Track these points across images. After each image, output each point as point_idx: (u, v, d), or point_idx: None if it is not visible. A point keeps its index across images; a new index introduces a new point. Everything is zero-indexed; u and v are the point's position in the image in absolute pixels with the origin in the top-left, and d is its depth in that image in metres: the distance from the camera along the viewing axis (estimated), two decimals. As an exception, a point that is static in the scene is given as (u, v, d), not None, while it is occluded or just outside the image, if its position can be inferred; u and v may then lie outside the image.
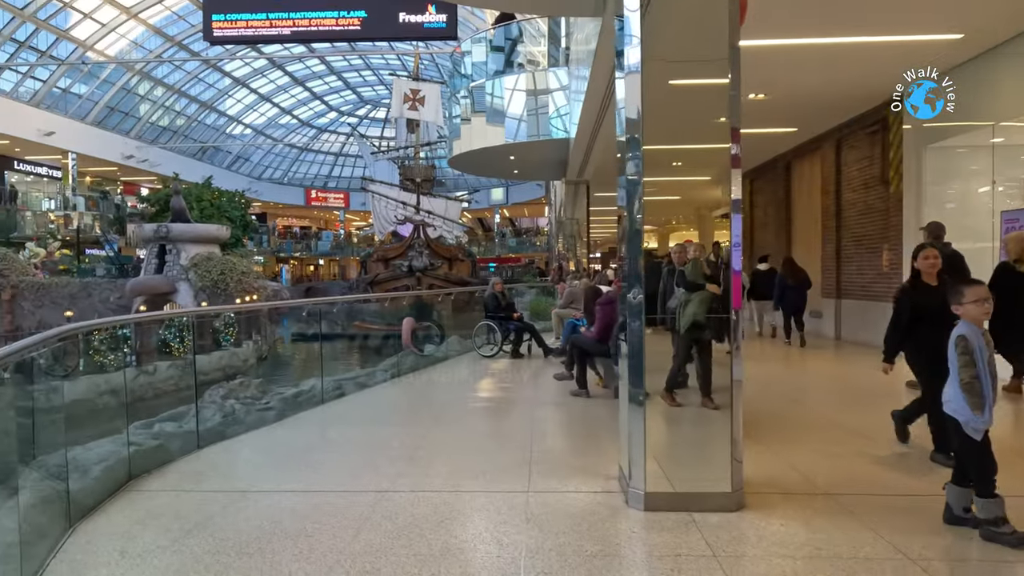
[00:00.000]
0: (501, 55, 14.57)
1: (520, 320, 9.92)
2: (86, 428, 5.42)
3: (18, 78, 30.42)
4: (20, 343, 3.53)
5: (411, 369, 8.41)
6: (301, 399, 6.34)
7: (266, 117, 50.64)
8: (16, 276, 21.59)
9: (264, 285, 22.85)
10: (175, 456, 4.51)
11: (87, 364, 13.01)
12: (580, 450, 4.74)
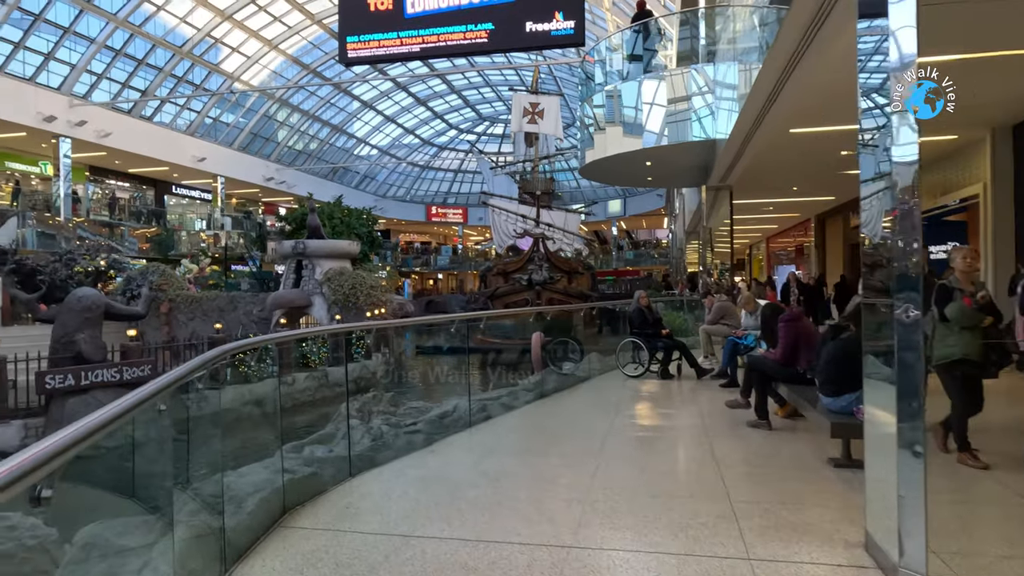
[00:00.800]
0: (636, 59, 13.81)
1: (669, 337, 9.06)
2: (234, 438, 5.26)
3: (176, 110, 33.36)
4: (200, 359, 3.32)
5: (555, 389, 7.80)
6: (447, 421, 5.88)
7: (391, 138, 52.69)
8: (173, 290, 23.34)
9: (391, 299, 23.29)
10: (327, 486, 4.12)
11: (232, 374, 13.58)
12: (792, 501, 3.86)
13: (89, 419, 2.17)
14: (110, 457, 5.00)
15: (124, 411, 2.42)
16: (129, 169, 34.20)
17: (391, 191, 57.09)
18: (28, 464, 1.60)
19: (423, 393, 17.54)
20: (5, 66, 24.40)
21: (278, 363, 14.99)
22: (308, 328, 18.52)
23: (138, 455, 4.43)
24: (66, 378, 10.09)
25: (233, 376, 13.52)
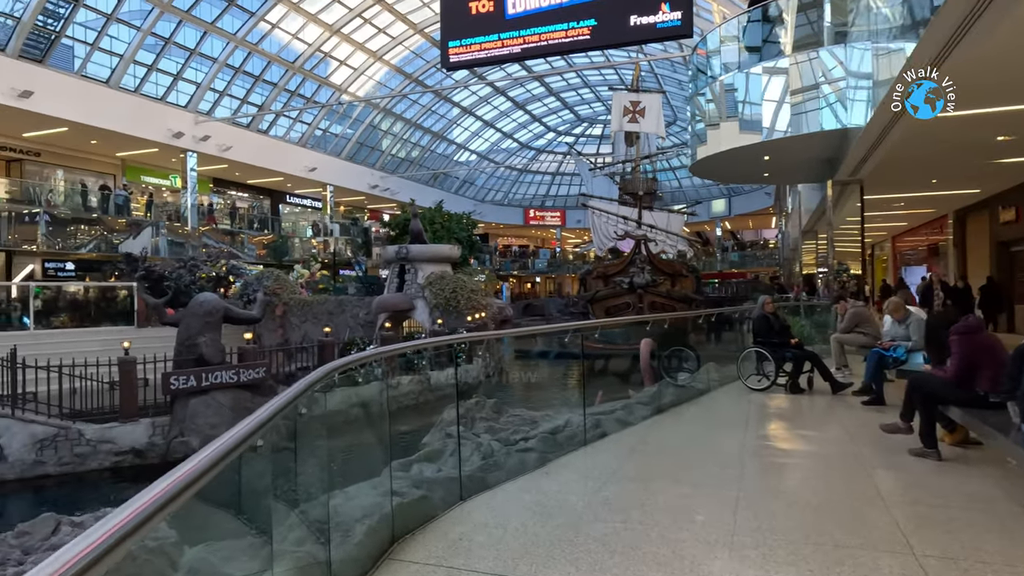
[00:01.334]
0: (754, 50, 12.85)
1: (799, 347, 8.19)
2: (340, 451, 5.07)
3: (289, 123, 35.09)
4: (316, 375, 3.18)
5: (672, 402, 7.19)
6: (560, 438, 5.45)
7: (489, 142, 53.18)
8: (287, 294, 24.43)
9: (491, 303, 23.22)
10: (437, 510, 3.79)
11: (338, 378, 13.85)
12: (997, 561, 3.12)
13: (244, 424, 2.19)
14: (226, 471, 4.92)
15: (271, 416, 2.43)
16: (248, 180, 36.32)
17: (490, 195, 57.62)
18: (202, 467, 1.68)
19: (523, 398, 17.26)
20: (140, 87, 26.46)
21: (383, 365, 15.23)
22: (458, 335, 18.69)
23: (247, 468, 4.30)
24: (189, 379, 10.52)
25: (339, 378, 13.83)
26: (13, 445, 9.22)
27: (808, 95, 11.42)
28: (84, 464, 9.66)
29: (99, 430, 9.85)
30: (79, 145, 26.75)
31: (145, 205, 29.14)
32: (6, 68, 21.27)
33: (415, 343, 9.40)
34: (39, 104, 22.01)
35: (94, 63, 24.72)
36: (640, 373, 10.96)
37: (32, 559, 5.27)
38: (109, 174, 29.52)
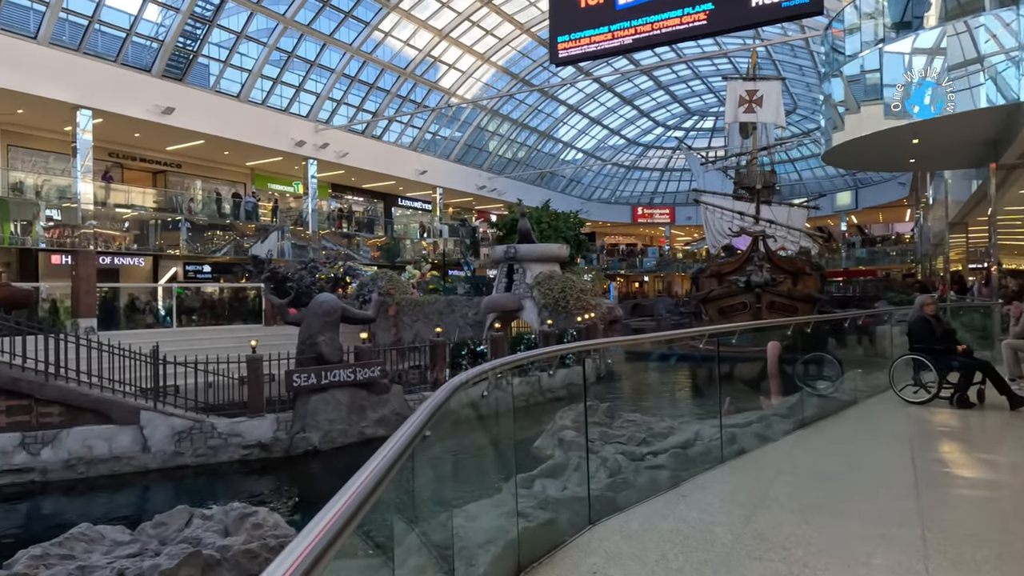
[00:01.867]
0: (905, 27, 11.52)
1: (967, 354, 7.13)
2: (459, 459, 4.82)
3: (401, 128, 36.16)
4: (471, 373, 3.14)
5: (817, 415, 6.42)
6: (692, 453, 4.93)
7: (596, 140, 52.41)
8: (399, 295, 25.10)
9: (600, 303, 22.67)
10: (564, 535, 3.43)
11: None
12: None
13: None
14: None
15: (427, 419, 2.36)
16: (363, 184, 37.79)
17: (596, 193, 56.81)
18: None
19: (634, 403, 16.60)
20: (266, 100, 28.11)
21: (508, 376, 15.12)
22: (606, 339, 18.47)
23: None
24: (309, 377, 10.82)
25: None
26: (155, 436, 9.82)
27: (965, 69, 10.06)
28: (216, 456, 10.15)
29: (229, 424, 10.32)
30: (214, 156, 28.83)
31: (271, 211, 31.00)
32: (151, 87, 23.22)
33: (560, 347, 9.04)
34: (179, 119, 23.86)
35: (226, 79, 26.51)
36: (765, 381, 10.12)
37: (167, 550, 5.41)
38: (240, 182, 31.66)
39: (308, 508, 8.98)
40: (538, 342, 16.24)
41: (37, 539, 8.05)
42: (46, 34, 20.28)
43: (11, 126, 23.09)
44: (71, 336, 9.90)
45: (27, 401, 9.22)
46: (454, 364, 13.70)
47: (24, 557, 5.11)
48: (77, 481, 9.40)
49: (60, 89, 20.64)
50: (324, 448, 10.89)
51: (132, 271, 26.35)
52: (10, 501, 8.85)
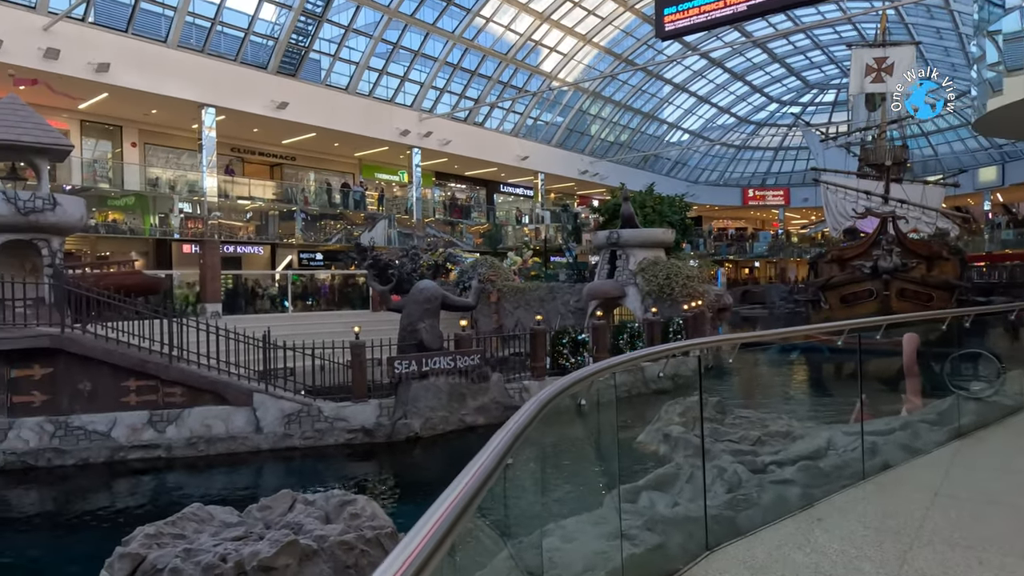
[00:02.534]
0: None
1: None
2: (551, 459, 4.46)
3: (502, 114, 36.10)
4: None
5: (977, 423, 5.51)
6: (825, 466, 4.30)
7: (704, 120, 50.15)
8: (501, 281, 25.10)
9: (708, 290, 21.57)
10: (677, 563, 2.98)
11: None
12: None
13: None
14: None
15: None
16: (465, 172, 38.17)
17: (704, 175, 54.48)
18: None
19: (745, 397, 15.53)
20: (372, 91, 28.85)
21: (592, 355, 14.68)
22: (739, 335, 17.87)
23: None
24: (410, 364, 10.87)
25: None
26: (267, 418, 10.20)
27: None
28: (322, 439, 10.42)
29: (335, 408, 10.56)
30: (324, 148, 30.01)
31: (378, 200, 31.94)
32: (267, 84, 24.39)
33: (678, 345, 8.55)
34: (292, 113, 24.94)
35: (336, 73, 27.43)
36: (902, 380, 9.03)
37: (270, 535, 5.45)
38: (349, 173, 32.83)
39: (408, 497, 9.00)
40: (642, 330, 15.60)
41: (164, 512, 8.57)
42: (174, 38, 21.72)
43: (147, 125, 25.03)
44: (191, 321, 10.44)
45: (154, 382, 9.82)
46: (555, 352, 13.39)
47: (140, 535, 5.30)
48: (198, 458, 9.94)
49: (188, 89, 22.08)
50: (425, 435, 10.92)
51: (252, 259, 28.01)
52: (139, 475, 9.48)
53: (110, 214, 24.88)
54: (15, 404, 9.35)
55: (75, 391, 9.59)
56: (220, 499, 8.71)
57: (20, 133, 10.76)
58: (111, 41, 20.25)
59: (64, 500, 8.90)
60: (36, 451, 9.37)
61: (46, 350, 9.45)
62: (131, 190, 24.09)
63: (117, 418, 9.68)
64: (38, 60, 18.53)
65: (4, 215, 10.31)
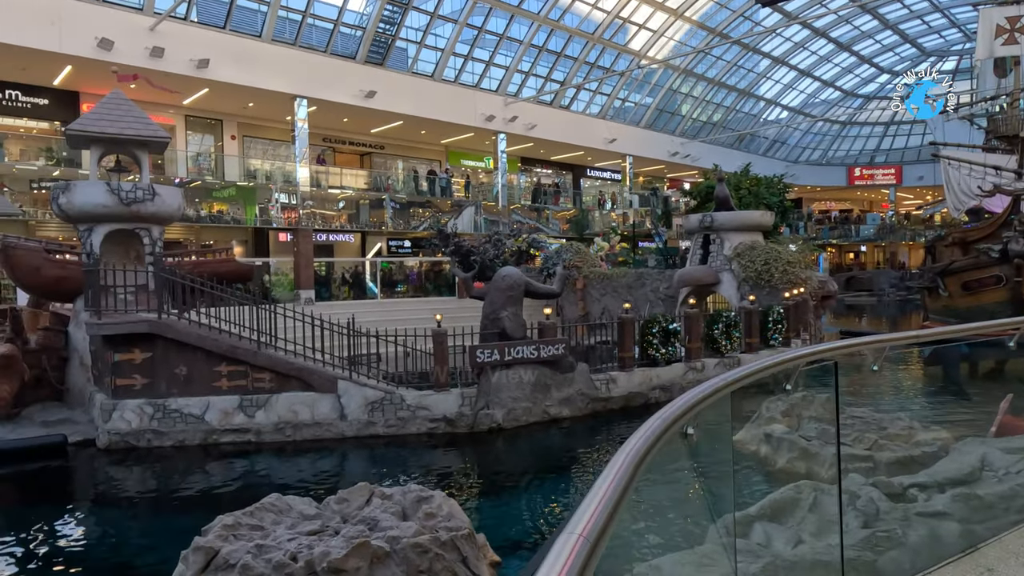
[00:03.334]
0: None
1: None
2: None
3: (589, 96, 35.19)
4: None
5: None
6: (987, 495, 3.52)
7: (805, 95, 47.05)
8: (587, 268, 24.48)
9: (811, 276, 20.07)
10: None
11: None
12: None
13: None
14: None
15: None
16: (551, 157, 37.60)
17: (804, 155, 51.24)
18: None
19: (856, 394, 14.22)
20: (458, 77, 28.77)
21: (684, 345, 13.85)
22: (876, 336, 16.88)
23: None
24: (492, 353, 10.56)
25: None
26: (351, 405, 10.19)
27: None
28: (405, 428, 10.31)
29: (417, 396, 10.42)
30: (411, 136, 30.28)
31: (464, 186, 31.97)
32: (356, 73, 24.75)
33: (835, 345, 7.80)
34: (380, 102, 25.22)
35: (422, 60, 27.50)
36: None
37: (345, 531, 5.26)
38: (435, 160, 33.04)
39: (490, 492, 8.70)
40: (738, 319, 14.62)
41: (254, 495, 8.72)
42: (268, 32, 22.36)
43: (244, 119, 26.06)
44: (277, 308, 10.56)
45: (244, 367, 10.01)
46: (644, 342, 12.72)
47: (218, 525, 5.24)
48: (285, 443, 10.07)
49: (281, 81, 22.72)
50: (507, 426, 10.61)
51: (344, 246, 28.73)
52: (230, 458, 9.70)
53: (215, 205, 26.17)
54: (118, 387, 9.78)
55: (172, 375, 9.92)
56: (303, 486, 8.76)
57: (123, 127, 11.22)
58: (210, 38, 21.09)
59: (164, 480, 9.22)
60: (137, 432, 9.77)
61: (145, 335, 9.82)
62: (231, 181, 25.16)
63: (210, 402, 9.94)
64: (145, 59, 19.53)
65: (108, 205, 10.79)
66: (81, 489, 9.24)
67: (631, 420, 11.78)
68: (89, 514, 8.20)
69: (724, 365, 13.89)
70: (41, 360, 10.87)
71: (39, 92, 21.11)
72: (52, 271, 10.73)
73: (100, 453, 9.79)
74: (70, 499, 8.69)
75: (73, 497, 8.81)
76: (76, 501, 8.69)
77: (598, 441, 10.81)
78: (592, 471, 9.58)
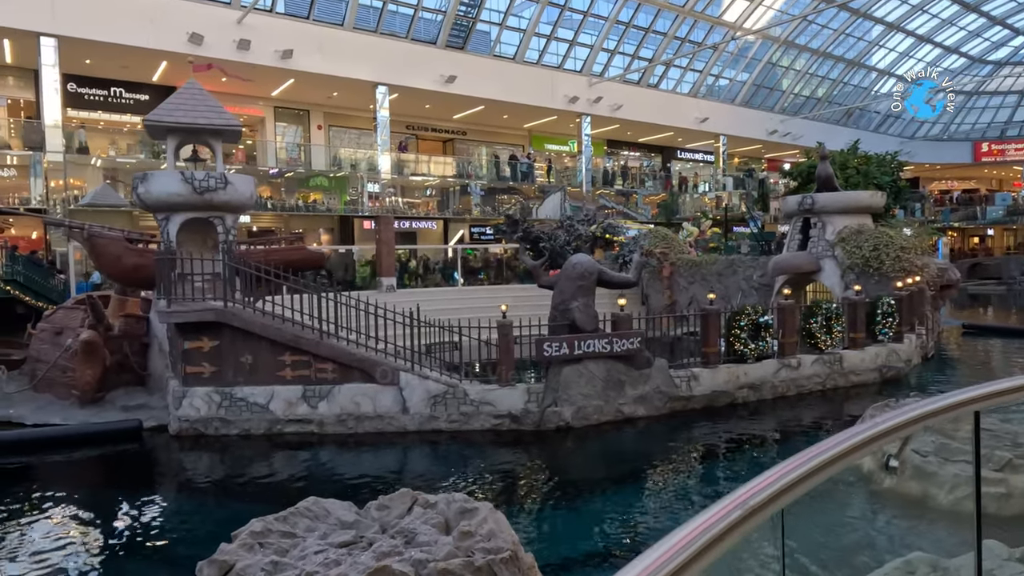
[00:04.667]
0: None
1: None
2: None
3: (679, 74, 33.44)
4: None
5: None
6: None
7: (923, 63, 42.80)
8: (674, 254, 23.25)
9: (928, 264, 17.98)
10: None
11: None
12: None
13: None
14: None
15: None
16: (639, 138, 36.17)
17: (922, 130, 46.81)
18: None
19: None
20: (541, 59, 27.98)
21: (777, 339, 12.52)
22: None
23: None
24: (561, 347, 9.89)
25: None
26: (413, 399, 9.84)
27: None
28: (468, 423, 9.85)
29: (481, 391, 9.93)
30: (493, 121, 29.85)
31: (546, 171, 31.23)
32: (437, 59, 24.50)
33: None
34: (460, 87, 24.89)
35: (503, 43, 26.92)
36: None
37: (379, 543, 4.78)
38: (518, 145, 32.47)
39: (558, 499, 8.05)
40: (840, 312, 13.16)
41: (317, 487, 8.52)
42: (350, 20, 22.46)
43: (330, 108, 26.48)
44: (341, 297, 10.32)
45: (307, 357, 9.86)
46: (730, 336, 11.62)
47: (246, 531, 4.89)
48: (347, 436, 9.86)
49: (362, 69, 22.82)
50: (577, 425, 9.93)
51: (427, 233, 28.77)
52: (294, 449, 9.57)
53: (311, 195, 26.67)
54: (188, 374, 9.87)
55: (238, 364, 9.91)
56: (363, 482, 8.46)
57: (196, 116, 11.32)
58: (295, 28, 21.41)
59: (231, 468, 9.21)
60: (206, 419, 9.83)
61: (213, 324, 9.84)
62: (322, 171, 25.60)
63: (274, 391, 9.86)
64: (233, 52, 20.08)
65: (183, 194, 10.91)
66: (150, 475, 9.38)
67: (715, 421, 10.78)
68: (155, 501, 8.25)
69: (823, 363, 12.55)
70: (123, 346, 11.20)
71: (140, 88, 22.23)
72: (131, 259, 11.01)
73: (172, 439, 9.93)
74: (140, 485, 8.80)
75: (143, 483, 8.93)
76: (145, 487, 8.79)
77: (677, 445, 9.93)
78: (670, 478, 8.74)
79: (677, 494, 8.11)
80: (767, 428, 10.76)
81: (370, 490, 8.28)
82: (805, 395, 12.26)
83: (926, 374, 14.64)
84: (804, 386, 12.30)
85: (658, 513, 7.55)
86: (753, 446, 9.91)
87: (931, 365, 15.70)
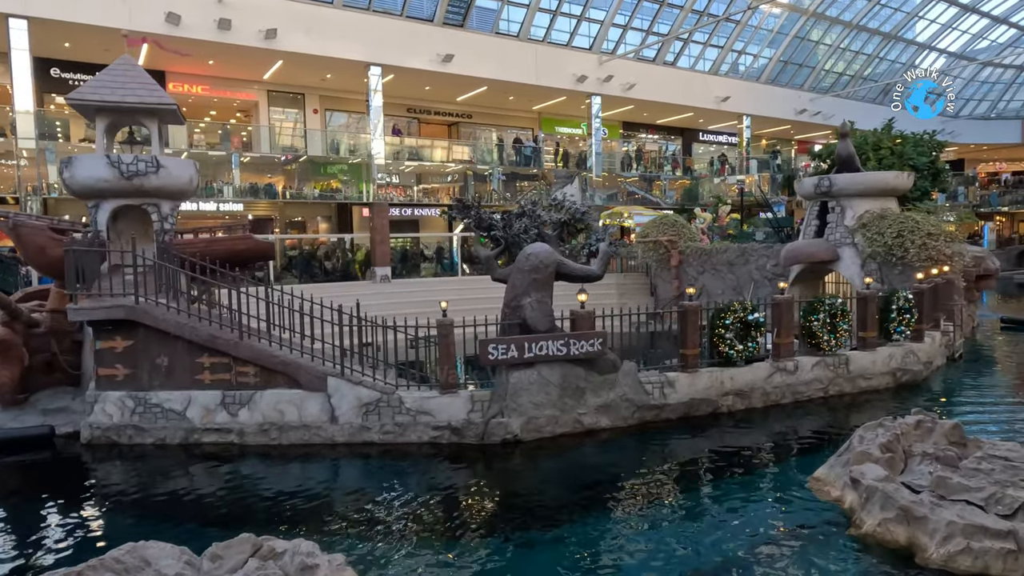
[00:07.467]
0: None
1: None
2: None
3: (698, 50, 31.54)
4: None
5: None
6: None
7: (968, 35, 39.91)
8: (684, 242, 21.79)
9: (960, 251, 16.16)
10: None
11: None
12: None
13: None
14: None
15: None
16: (656, 120, 34.43)
17: (966, 108, 43.83)
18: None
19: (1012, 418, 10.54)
20: (547, 36, 26.50)
21: (768, 336, 11.03)
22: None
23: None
24: (508, 349, 8.72)
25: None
26: (342, 407, 8.82)
27: None
28: (403, 435, 8.78)
29: (419, 399, 8.83)
30: (499, 103, 28.51)
31: (558, 155, 29.78)
32: (433, 36, 23.27)
33: None
34: (459, 66, 23.62)
35: (505, 19, 25.55)
36: None
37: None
38: (527, 128, 31.07)
39: (488, 531, 6.88)
40: (845, 308, 11.65)
41: (236, 507, 7.56)
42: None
43: (325, 91, 25.51)
44: (267, 291, 9.31)
45: (226, 359, 8.91)
46: (714, 337, 10.26)
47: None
48: (270, 447, 8.89)
49: (352, 48, 21.74)
50: (526, 438, 8.75)
51: (429, 221, 27.73)
52: (212, 460, 8.63)
53: (331, 183, 25.60)
54: (101, 377, 9.02)
55: (153, 366, 9.02)
56: (285, 499, 7.47)
57: (124, 94, 10.40)
58: (280, 7, 20.43)
59: (144, 481, 8.31)
60: (118, 427, 8.98)
61: (127, 322, 8.94)
62: (315, 155, 24.66)
63: (191, 397, 8.93)
64: (214, 32, 19.21)
65: (109, 179, 10.03)
66: (57, 488, 8.51)
67: (693, 434, 9.47)
68: (53, 519, 7.38)
69: (826, 366, 11.09)
70: (50, 343, 10.41)
71: (125, 73, 21.54)
72: (56, 250, 10.17)
73: (85, 448, 9.09)
74: (41, 499, 7.95)
75: (45, 497, 8.06)
76: (48, 501, 7.93)
77: (648, 460, 8.64)
78: (642, 499, 7.47)
79: (651, 521, 6.84)
80: (755, 441, 9.40)
81: (293, 510, 7.30)
82: (803, 403, 10.83)
83: (950, 379, 12.99)
84: (802, 393, 10.88)
85: (627, 548, 6.28)
86: (736, 463, 8.55)
87: (958, 367, 14.01)
